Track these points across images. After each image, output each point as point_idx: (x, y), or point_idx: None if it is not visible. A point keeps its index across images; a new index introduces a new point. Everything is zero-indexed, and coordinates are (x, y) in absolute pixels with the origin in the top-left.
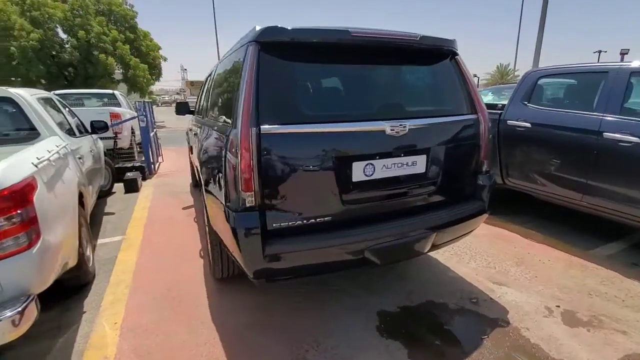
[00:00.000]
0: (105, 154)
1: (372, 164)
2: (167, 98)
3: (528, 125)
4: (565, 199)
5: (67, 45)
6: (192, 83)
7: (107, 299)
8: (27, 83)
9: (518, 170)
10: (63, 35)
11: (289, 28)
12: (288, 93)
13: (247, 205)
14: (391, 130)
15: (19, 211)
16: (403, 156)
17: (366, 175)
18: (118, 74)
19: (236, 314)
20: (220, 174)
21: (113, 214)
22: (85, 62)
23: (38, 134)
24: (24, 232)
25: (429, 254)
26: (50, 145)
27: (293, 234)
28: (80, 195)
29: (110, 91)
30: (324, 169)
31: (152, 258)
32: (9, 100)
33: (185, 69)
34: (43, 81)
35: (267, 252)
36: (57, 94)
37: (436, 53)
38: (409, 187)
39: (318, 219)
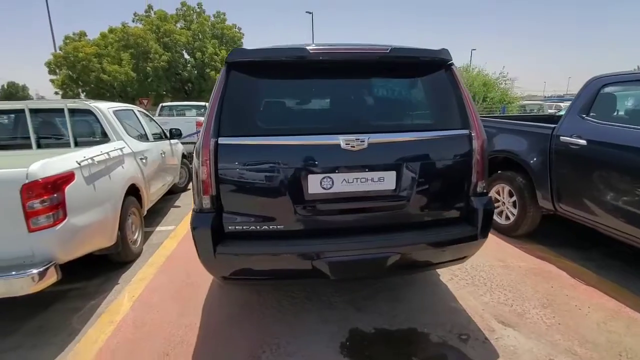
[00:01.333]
0: (185, 157)
1: (330, 177)
2: None
3: (583, 142)
4: (623, 236)
5: (188, 65)
6: None
7: (137, 276)
8: (158, 97)
9: (570, 196)
10: (186, 57)
11: (250, 49)
12: (247, 108)
13: (204, 207)
14: (346, 144)
15: (50, 196)
16: (368, 171)
17: (324, 188)
18: None
19: (225, 307)
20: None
21: (179, 207)
22: (200, 79)
23: (108, 139)
24: (52, 213)
25: (445, 281)
26: (108, 148)
27: (247, 238)
28: (136, 190)
29: (203, 103)
30: (279, 180)
31: (188, 248)
32: (89, 112)
33: None
34: (169, 95)
35: (218, 251)
36: (164, 106)
37: (416, 65)
38: (375, 203)
39: (272, 227)
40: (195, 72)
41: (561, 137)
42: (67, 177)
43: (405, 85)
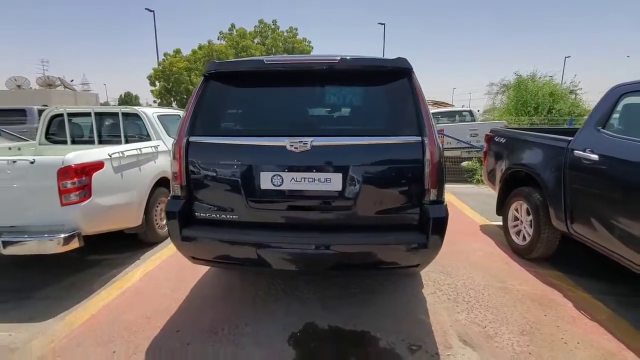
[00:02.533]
0: None
1: (280, 176)
2: None
3: (595, 157)
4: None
5: None
6: None
7: (155, 255)
8: None
9: (581, 217)
10: None
11: (221, 62)
12: (215, 112)
13: (175, 194)
14: (291, 146)
15: (78, 179)
16: (315, 172)
17: (274, 185)
18: None
19: (211, 289)
20: None
21: None
22: None
23: (149, 138)
24: (79, 192)
25: (426, 294)
26: (142, 145)
27: (209, 225)
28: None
29: None
30: (236, 175)
31: None
32: (137, 115)
33: None
34: None
35: (183, 233)
36: None
37: (368, 74)
38: (320, 202)
39: (229, 217)
40: None
41: (575, 151)
42: (96, 165)
43: (357, 93)
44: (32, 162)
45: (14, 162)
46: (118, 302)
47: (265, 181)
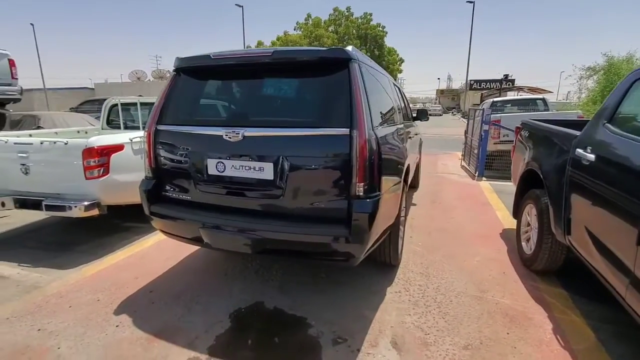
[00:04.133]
0: None
1: (222, 163)
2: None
3: (592, 157)
4: (609, 285)
5: None
6: (442, 91)
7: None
8: None
9: (576, 228)
10: None
11: (182, 57)
12: (176, 103)
13: (147, 175)
14: (226, 136)
15: (99, 158)
16: (251, 160)
17: (218, 171)
18: None
19: (196, 263)
20: None
21: None
22: None
23: None
24: (99, 169)
25: (388, 293)
26: None
27: (171, 203)
28: None
29: None
30: (189, 159)
31: None
32: None
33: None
34: None
35: (151, 209)
36: None
37: (305, 65)
38: (255, 189)
39: (184, 197)
40: None
41: (577, 149)
42: (116, 148)
43: (292, 84)
44: (66, 144)
45: (55, 142)
46: (123, 262)
47: (209, 167)
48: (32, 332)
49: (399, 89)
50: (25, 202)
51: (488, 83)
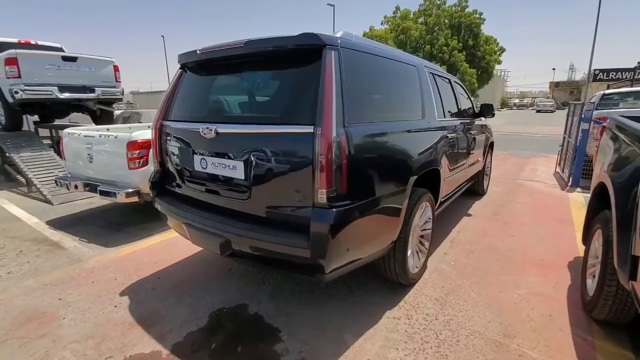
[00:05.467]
0: None
1: (205, 159)
2: (520, 101)
3: None
4: None
5: None
6: (556, 84)
7: None
8: None
9: None
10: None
11: (181, 54)
12: (177, 99)
13: (155, 168)
14: (202, 132)
15: (139, 151)
16: (226, 158)
17: (202, 167)
18: None
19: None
20: None
21: None
22: None
23: None
24: (140, 160)
25: (385, 317)
26: None
27: (171, 196)
28: None
29: None
30: (181, 154)
31: None
32: None
33: (573, 68)
34: None
35: (156, 201)
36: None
37: (277, 56)
38: (230, 189)
39: (178, 190)
40: None
41: None
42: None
43: (266, 77)
44: (115, 137)
45: (108, 136)
46: (153, 247)
47: (195, 163)
48: (55, 300)
49: (449, 81)
50: (90, 187)
51: (618, 73)
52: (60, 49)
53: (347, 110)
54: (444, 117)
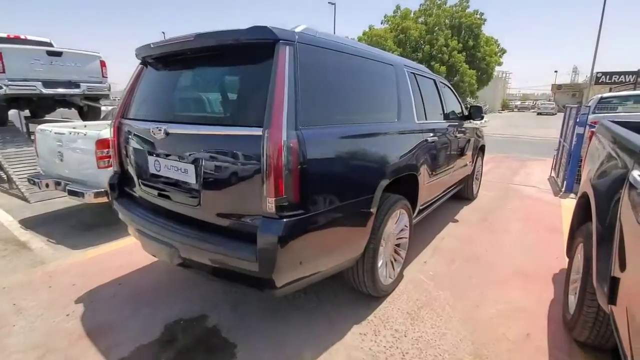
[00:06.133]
0: None
1: (158, 161)
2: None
3: None
4: None
5: (415, 60)
6: (559, 87)
7: None
8: None
9: (626, 293)
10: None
11: (139, 47)
12: (135, 96)
13: (114, 169)
14: (152, 132)
15: (107, 149)
16: (178, 161)
17: (156, 169)
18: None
19: None
20: None
21: None
22: None
23: None
24: (109, 159)
25: (350, 334)
26: None
27: (129, 199)
28: None
29: None
30: (139, 156)
31: None
32: None
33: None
34: None
35: (114, 205)
36: None
37: (228, 50)
38: (181, 193)
39: (134, 192)
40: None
41: (635, 173)
42: None
43: (218, 73)
44: (84, 135)
45: (77, 133)
46: (121, 250)
47: (152, 165)
48: (9, 305)
49: (434, 81)
50: (61, 185)
51: (621, 76)
52: (49, 44)
53: (302, 112)
54: (425, 119)
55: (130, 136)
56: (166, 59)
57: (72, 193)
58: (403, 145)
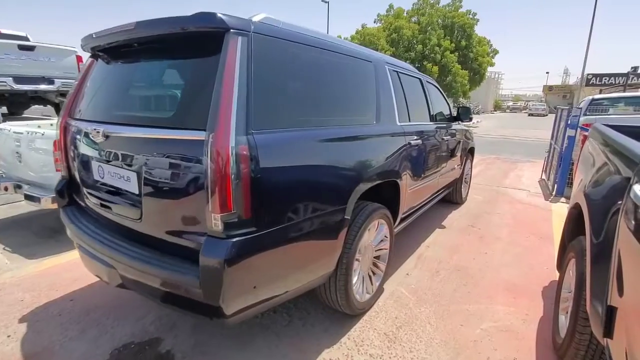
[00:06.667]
0: None
1: (102, 167)
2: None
3: None
4: None
5: (407, 60)
6: (550, 88)
7: None
8: None
9: (625, 325)
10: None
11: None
12: (81, 93)
13: (62, 173)
14: (91, 134)
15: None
16: (120, 167)
17: (100, 176)
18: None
19: None
20: None
21: None
22: None
23: None
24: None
25: None
26: None
27: (76, 208)
28: None
29: None
30: (83, 160)
31: None
32: None
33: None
34: None
35: (61, 214)
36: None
37: (174, 40)
38: (125, 204)
39: (80, 201)
40: (412, 65)
41: (636, 188)
42: None
43: (162, 68)
44: (42, 134)
45: (36, 133)
46: (80, 260)
47: (96, 171)
48: None
49: (420, 81)
50: (20, 189)
51: (611, 78)
52: (25, 38)
53: (256, 113)
54: (409, 121)
55: (75, 138)
56: (110, 51)
57: (28, 197)
58: (381, 150)
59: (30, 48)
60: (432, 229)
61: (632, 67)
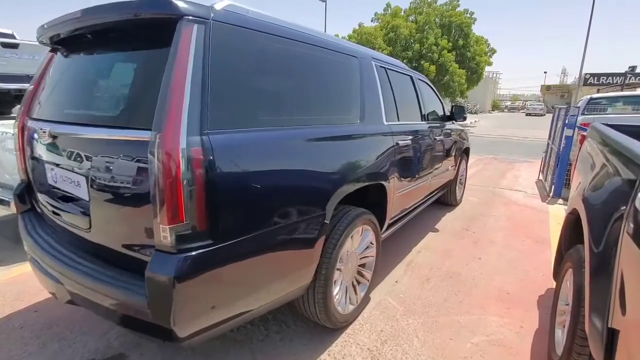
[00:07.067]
0: None
1: (54, 170)
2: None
3: None
4: None
5: (404, 59)
6: (548, 87)
7: None
8: None
9: (629, 350)
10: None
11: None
12: (39, 89)
13: (19, 178)
14: (39, 134)
15: None
16: (71, 171)
17: (54, 180)
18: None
19: None
20: None
21: None
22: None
23: None
24: None
25: None
26: None
27: (36, 216)
28: None
29: None
30: (38, 163)
31: None
32: None
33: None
34: None
35: (19, 220)
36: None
37: (125, 28)
38: (75, 212)
39: (37, 207)
40: (409, 64)
41: None
42: None
43: (111, 60)
44: (13, 134)
45: (6, 133)
46: None
47: (50, 174)
48: None
49: (412, 78)
50: None
51: (609, 77)
52: (11, 35)
53: (213, 111)
54: (397, 120)
55: (32, 139)
56: (64, 43)
57: None
58: (365, 151)
59: (14, 46)
60: (424, 233)
61: (629, 67)
